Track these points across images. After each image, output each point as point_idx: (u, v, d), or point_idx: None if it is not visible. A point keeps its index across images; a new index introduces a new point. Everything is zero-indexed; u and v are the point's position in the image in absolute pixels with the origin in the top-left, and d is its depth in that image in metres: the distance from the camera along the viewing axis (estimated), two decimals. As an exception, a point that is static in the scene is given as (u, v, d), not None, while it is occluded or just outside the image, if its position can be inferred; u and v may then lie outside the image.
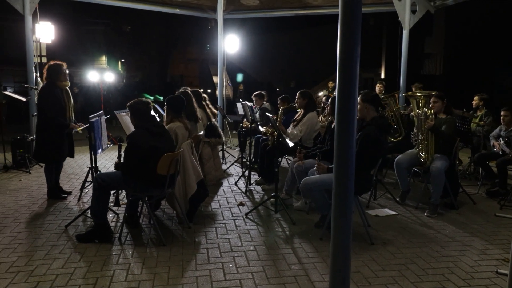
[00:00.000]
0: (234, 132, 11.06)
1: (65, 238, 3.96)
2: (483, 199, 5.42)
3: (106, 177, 3.88)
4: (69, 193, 5.40)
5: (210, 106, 6.33)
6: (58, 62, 4.99)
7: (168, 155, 3.79)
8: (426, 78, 18.15)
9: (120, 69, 33.01)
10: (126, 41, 35.73)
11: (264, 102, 7.71)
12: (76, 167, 7.12)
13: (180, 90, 5.54)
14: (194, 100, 5.44)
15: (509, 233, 4.20)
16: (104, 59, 30.41)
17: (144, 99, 4.04)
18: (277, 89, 22.83)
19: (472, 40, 17.37)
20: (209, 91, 25.51)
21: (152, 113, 4.12)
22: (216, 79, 27.60)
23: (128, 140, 3.78)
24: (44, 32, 7.38)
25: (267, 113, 5.44)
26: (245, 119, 7.13)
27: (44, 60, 7.83)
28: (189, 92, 5.45)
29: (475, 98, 6.85)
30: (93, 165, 4.42)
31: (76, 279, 3.17)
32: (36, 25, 7.30)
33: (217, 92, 10.37)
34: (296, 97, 5.62)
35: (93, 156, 4.65)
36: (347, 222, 2.20)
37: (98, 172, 4.65)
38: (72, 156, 5.38)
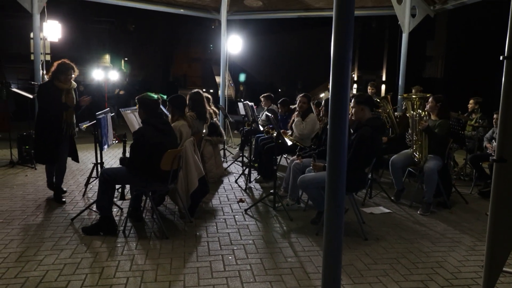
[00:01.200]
0: (235, 132, 11.24)
1: (71, 230, 4.13)
2: (475, 199, 5.57)
3: (112, 172, 4.05)
4: (64, 191, 5.29)
5: (211, 104, 6.51)
6: (67, 62, 4.84)
7: (171, 151, 3.97)
8: (427, 81, 18.32)
9: (123, 68, 33.26)
10: (130, 40, 36.00)
11: (273, 104, 7.89)
12: (80, 164, 7.27)
13: (192, 92, 5.67)
14: (205, 101, 5.62)
15: (498, 231, 4.35)
16: (107, 57, 30.66)
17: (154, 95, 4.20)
18: (279, 90, 22.99)
19: (473, 43, 17.51)
20: (211, 91, 25.71)
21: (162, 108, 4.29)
22: (218, 79, 27.82)
23: (135, 136, 3.93)
24: (52, 31, 7.56)
25: (267, 113, 5.61)
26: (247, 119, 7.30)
27: (48, 58, 7.99)
28: (201, 92, 5.62)
29: (471, 101, 7.01)
30: (99, 161, 4.57)
31: (83, 268, 3.34)
32: (44, 23, 7.49)
33: (219, 92, 10.54)
34: (301, 100, 5.79)
35: (98, 152, 4.82)
36: (339, 216, 2.36)
37: (104, 168, 4.82)
38: (77, 161, 5.34)
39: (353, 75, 19.57)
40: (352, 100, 4.22)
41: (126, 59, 35.02)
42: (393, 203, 5.26)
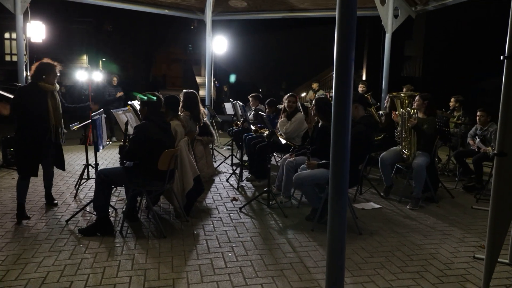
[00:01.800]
0: (219, 131, 11.28)
1: (67, 232, 4.11)
2: (460, 193, 5.78)
3: (109, 172, 4.05)
4: (55, 203, 4.96)
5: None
6: (50, 62, 4.46)
7: (168, 151, 3.99)
8: (405, 80, 18.73)
9: (101, 68, 32.74)
10: (109, 40, 35.44)
11: (260, 104, 7.96)
12: (67, 165, 7.17)
13: (187, 91, 5.64)
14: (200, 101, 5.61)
15: (485, 223, 4.52)
16: (85, 58, 30.16)
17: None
18: (260, 89, 23.08)
19: (451, 43, 18.01)
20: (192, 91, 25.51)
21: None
22: (199, 80, 27.71)
23: (137, 130, 3.95)
24: (35, 31, 7.45)
25: (260, 112, 5.68)
26: (236, 119, 7.35)
27: (15, 58, 7.87)
28: (196, 93, 5.61)
29: (452, 100, 7.25)
30: (93, 162, 4.53)
31: (84, 269, 3.34)
32: (27, 24, 7.37)
33: (205, 92, 10.55)
34: (289, 99, 5.87)
35: (91, 154, 4.79)
36: (342, 210, 2.45)
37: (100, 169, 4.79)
38: (63, 169, 4.90)
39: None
40: None
41: (104, 59, 34.49)
42: (383, 198, 5.41)
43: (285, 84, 14.40)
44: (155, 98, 4.06)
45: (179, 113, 5.06)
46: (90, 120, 4.50)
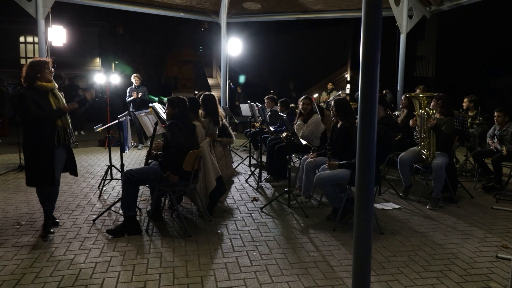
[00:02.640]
0: (234, 133, 11.37)
1: (95, 231, 4.23)
2: (479, 193, 5.79)
3: (135, 172, 4.15)
4: (57, 223, 4.42)
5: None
6: (40, 59, 4.06)
7: (193, 152, 4.09)
8: (418, 80, 18.66)
9: (113, 71, 33.10)
10: (121, 43, 35.84)
11: (275, 105, 8.04)
12: (88, 167, 7.34)
13: (205, 93, 5.74)
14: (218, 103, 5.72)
15: (506, 224, 4.56)
16: (98, 61, 30.51)
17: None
18: (271, 91, 23.16)
19: (463, 43, 17.89)
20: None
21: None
22: (211, 81, 27.83)
23: (170, 125, 4.10)
24: (56, 36, 7.61)
25: (280, 113, 5.75)
26: (254, 120, 7.44)
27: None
28: (214, 95, 5.71)
29: (465, 100, 7.25)
30: (121, 163, 4.61)
31: (115, 266, 3.44)
32: (49, 28, 7.53)
33: (219, 94, 10.66)
34: (304, 102, 5.90)
35: (117, 155, 4.90)
36: (368, 211, 2.52)
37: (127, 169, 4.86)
38: (75, 174, 4.41)
39: (346, 76, 19.81)
40: None
41: (116, 62, 34.87)
42: (402, 199, 5.44)
43: (293, 84, 14.35)
44: (156, 99, 4.15)
45: (199, 115, 5.17)
46: (115, 121, 4.58)
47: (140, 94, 9.14)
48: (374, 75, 2.48)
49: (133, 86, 9.36)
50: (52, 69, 4.08)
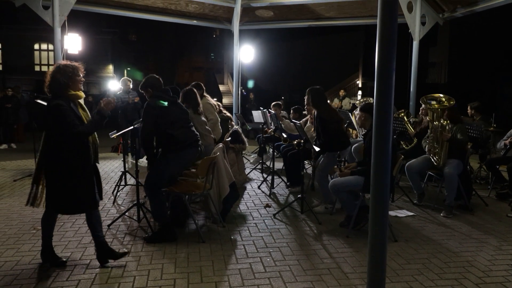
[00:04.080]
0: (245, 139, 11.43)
1: (110, 236, 4.28)
2: (494, 201, 5.73)
3: (149, 178, 4.18)
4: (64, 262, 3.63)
5: (223, 109, 6.79)
6: (71, 63, 3.45)
7: (207, 159, 4.13)
8: (431, 86, 18.55)
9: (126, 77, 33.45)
10: (133, 50, 36.30)
11: (281, 111, 8.10)
12: (102, 173, 7.40)
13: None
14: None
15: (521, 232, 4.51)
16: (111, 68, 30.91)
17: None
18: (282, 97, 23.21)
19: (476, 49, 17.76)
20: (215, 99, 25.85)
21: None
22: (222, 88, 27.99)
23: (144, 110, 4.11)
24: (72, 43, 7.76)
25: (294, 121, 5.78)
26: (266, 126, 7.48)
27: (44, 69, 8.05)
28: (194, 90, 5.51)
29: (468, 107, 7.20)
30: (136, 169, 4.62)
31: (130, 271, 3.48)
32: (65, 36, 7.68)
33: (230, 100, 10.74)
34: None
35: (129, 161, 4.95)
36: (383, 219, 2.53)
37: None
38: (101, 198, 3.79)
39: (358, 82, 19.78)
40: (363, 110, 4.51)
41: (128, 69, 35.30)
42: (415, 206, 5.41)
43: (299, 92, 14.39)
44: (166, 103, 4.10)
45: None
46: (131, 128, 4.62)
47: (136, 99, 8.54)
48: (389, 83, 2.49)
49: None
50: (83, 78, 3.52)
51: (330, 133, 4.92)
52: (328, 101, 5.57)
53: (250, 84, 19.71)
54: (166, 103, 4.05)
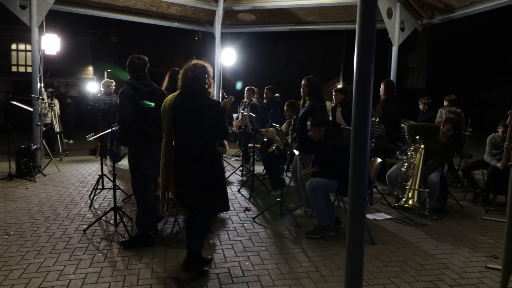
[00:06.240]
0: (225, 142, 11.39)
1: (85, 241, 4.19)
2: (469, 204, 5.84)
3: (132, 181, 4.11)
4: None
5: None
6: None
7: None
8: (409, 92, 18.87)
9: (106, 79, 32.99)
10: (113, 51, 35.85)
11: (253, 98, 8.16)
12: (79, 176, 7.27)
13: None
14: None
15: (495, 234, 4.60)
16: (90, 69, 30.45)
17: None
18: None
19: (454, 55, 18.17)
20: (197, 102, 25.58)
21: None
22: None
23: (119, 96, 4.01)
24: (50, 44, 7.61)
25: (273, 124, 5.77)
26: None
27: (21, 69, 7.92)
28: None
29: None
30: (113, 172, 4.54)
31: (105, 277, 3.41)
32: (42, 37, 7.53)
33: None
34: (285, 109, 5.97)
35: (108, 164, 4.87)
36: (361, 222, 2.54)
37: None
38: None
39: (339, 86, 19.98)
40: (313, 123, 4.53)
41: (109, 70, 34.84)
42: (394, 209, 5.44)
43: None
44: (153, 104, 3.96)
45: None
46: (108, 130, 4.53)
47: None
48: (367, 87, 2.50)
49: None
50: None
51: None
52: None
53: (239, 85, 19.69)
54: (153, 104, 3.91)
